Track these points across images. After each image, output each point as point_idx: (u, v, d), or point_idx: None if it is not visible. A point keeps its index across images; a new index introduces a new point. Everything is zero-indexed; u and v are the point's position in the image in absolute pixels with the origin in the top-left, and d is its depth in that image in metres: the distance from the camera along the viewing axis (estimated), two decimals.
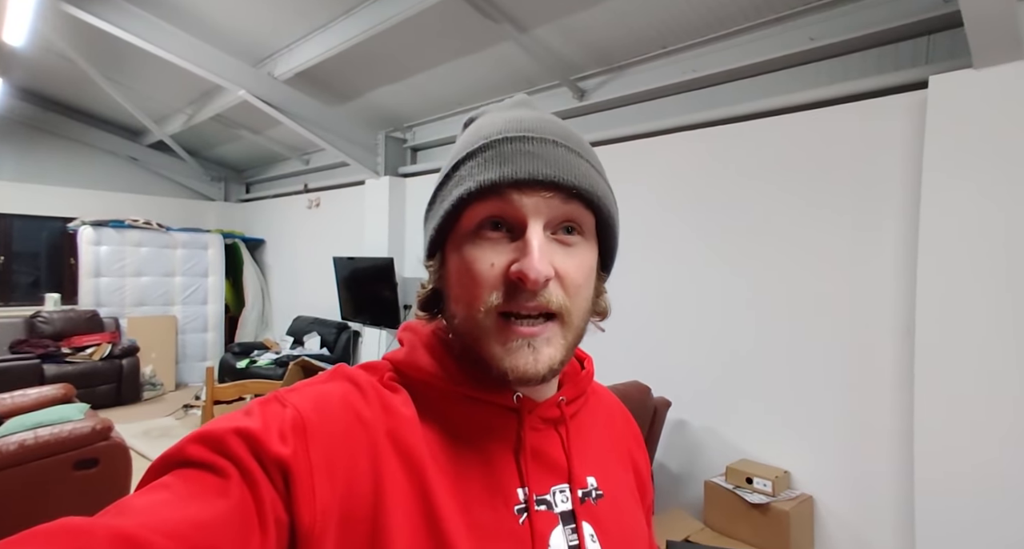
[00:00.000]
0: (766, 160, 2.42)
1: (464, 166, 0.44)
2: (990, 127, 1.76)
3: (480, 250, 0.43)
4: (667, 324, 2.74)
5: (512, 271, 0.41)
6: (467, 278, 0.43)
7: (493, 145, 0.43)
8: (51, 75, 4.57)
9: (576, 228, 0.44)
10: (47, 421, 2.16)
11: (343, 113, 4.19)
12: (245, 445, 0.37)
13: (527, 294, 0.41)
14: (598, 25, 2.63)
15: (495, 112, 0.49)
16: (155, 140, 5.53)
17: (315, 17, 3.12)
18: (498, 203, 0.42)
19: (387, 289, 4.07)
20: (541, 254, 0.40)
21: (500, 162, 0.42)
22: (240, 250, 5.97)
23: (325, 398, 0.42)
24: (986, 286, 1.78)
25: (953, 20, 1.88)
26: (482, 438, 0.45)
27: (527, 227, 0.42)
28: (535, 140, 0.43)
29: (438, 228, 0.46)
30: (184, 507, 0.33)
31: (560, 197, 0.42)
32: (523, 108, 0.48)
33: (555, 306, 0.42)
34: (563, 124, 0.47)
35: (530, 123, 0.44)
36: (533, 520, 0.43)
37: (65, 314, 4.76)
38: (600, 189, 0.45)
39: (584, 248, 0.45)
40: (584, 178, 0.43)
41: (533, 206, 0.42)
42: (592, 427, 0.53)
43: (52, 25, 3.45)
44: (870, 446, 2.13)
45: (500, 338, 0.42)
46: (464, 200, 0.43)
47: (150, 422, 4.23)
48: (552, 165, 0.42)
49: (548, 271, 0.41)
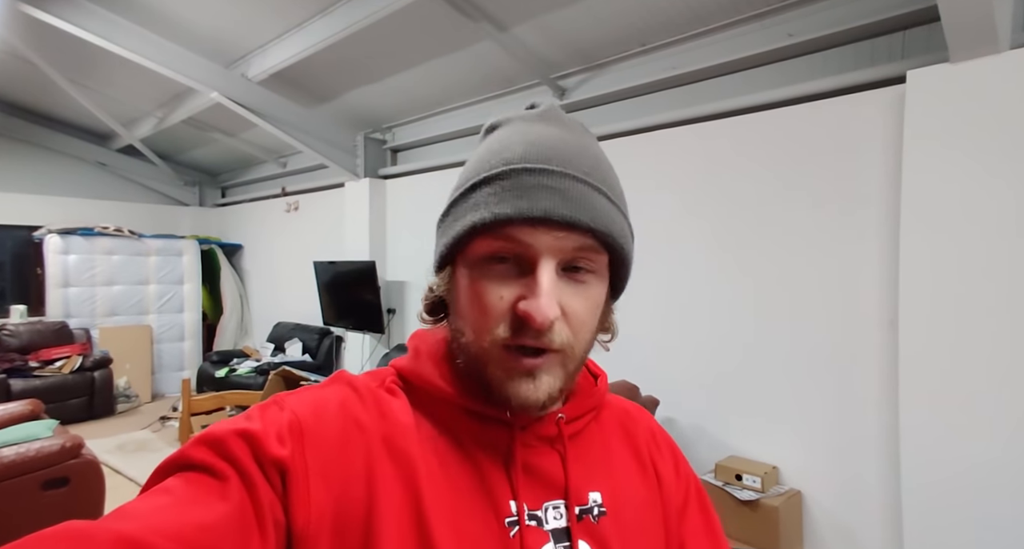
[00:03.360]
0: (748, 156, 2.42)
1: (480, 191, 0.43)
2: (967, 120, 1.78)
3: (489, 281, 0.42)
4: (655, 323, 2.74)
5: (519, 309, 0.41)
6: (475, 306, 0.43)
7: (511, 175, 0.42)
8: (12, 79, 4.41)
9: (587, 267, 0.43)
10: (13, 440, 2.06)
11: (320, 114, 4.11)
12: (246, 446, 0.38)
13: (532, 332, 0.41)
14: (577, 23, 2.61)
15: (519, 124, 0.47)
16: (125, 144, 5.38)
17: (290, 16, 3.05)
18: (510, 238, 0.41)
19: (370, 293, 4.01)
20: (549, 296, 0.40)
21: (516, 195, 0.41)
22: (217, 256, 5.84)
23: (323, 402, 0.43)
24: (967, 277, 1.80)
25: (929, 15, 1.90)
26: (477, 450, 0.45)
27: (538, 265, 0.41)
28: (555, 174, 0.41)
29: (449, 246, 0.45)
30: (186, 510, 0.34)
31: (574, 236, 0.41)
32: (548, 124, 0.46)
33: (558, 345, 0.42)
34: (588, 149, 0.45)
35: (552, 151, 0.43)
36: (523, 534, 0.43)
37: (32, 326, 4.59)
38: (616, 228, 0.43)
39: (594, 285, 0.44)
40: (601, 218, 0.42)
41: (546, 245, 0.41)
42: (603, 441, 0.52)
43: (11, 27, 3.32)
44: (858, 441, 2.15)
45: (503, 366, 0.42)
46: (477, 229, 0.42)
47: (125, 436, 4.09)
48: (570, 204, 0.41)
49: (555, 313, 0.40)
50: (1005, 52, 1.70)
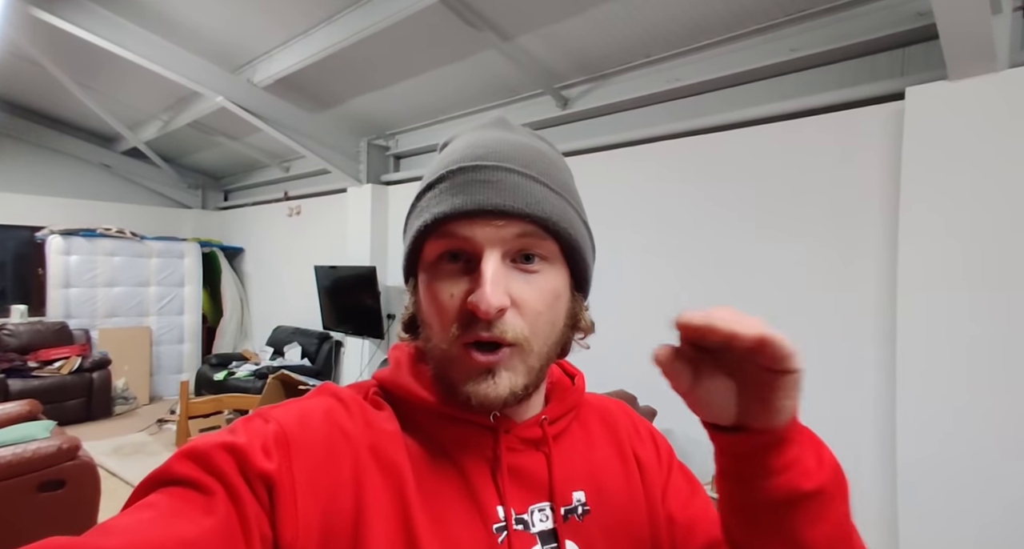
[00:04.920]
0: (748, 169, 2.44)
1: (424, 197, 0.45)
2: (965, 137, 1.80)
3: (440, 282, 0.43)
4: (653, 333, 2.73)
5: (468, 302, 0.41)
6: (432, 308, 0.44)
7: (448, 176, 0.43)
8: (20, 80, 4.44)
9: (537, 255, 0.43)
10: (9, 440, 2.06)
11: (324, 120, 4.14)
12: (231, 459, 0.37)
13: (483, 324, 0.41)
14: (581, 34, 2.63)
15: (465, 134, 0.49)
16: (129, 147, 5.41)
17: (295, 24, 3.08)
18: (452, 235, 0.42)
19: (370, 298, 4.02)
20: (494, 285, 0.40)
21: (452, 193, 0.42)
22: (218, 259, 5.84)
23: (308, 413, 0.43)
24: (964, 291, 1.80)
25: (929, 33, 1.92)
26: (462, 456, 0.45)
27: (482, 257, 0.42)
28: (487, 168, 0.43)
29: (407, 256, 0.47)
30: (169, 525, 0.33)
31: (514, 225, 0.42)
32: (493, 129, 0.48)
33: (511, 337, 0.41)
34: (527, 146, 0.46)
35: (488, 149, 0.44)
36: (511, 539, 0.43)
37: (32, 326, 4.59)
38: (557, 213, 0.43)
39: (548, 274, 0.44)
40: (539, 204, 0.42)
41: (486, 236, 0.42)
42: (585, 439, 0.52)
43: (20, 29, 3.35)
44: (853, 451, 2.14)
45: (462, 366, 0.43)
46: (422, 232, 0.44)
47: (122, 438, 4.08)
48: (503, 193, 0.42)
49: (502, 301, 0.40)
50: (1003, 71, 1.71)
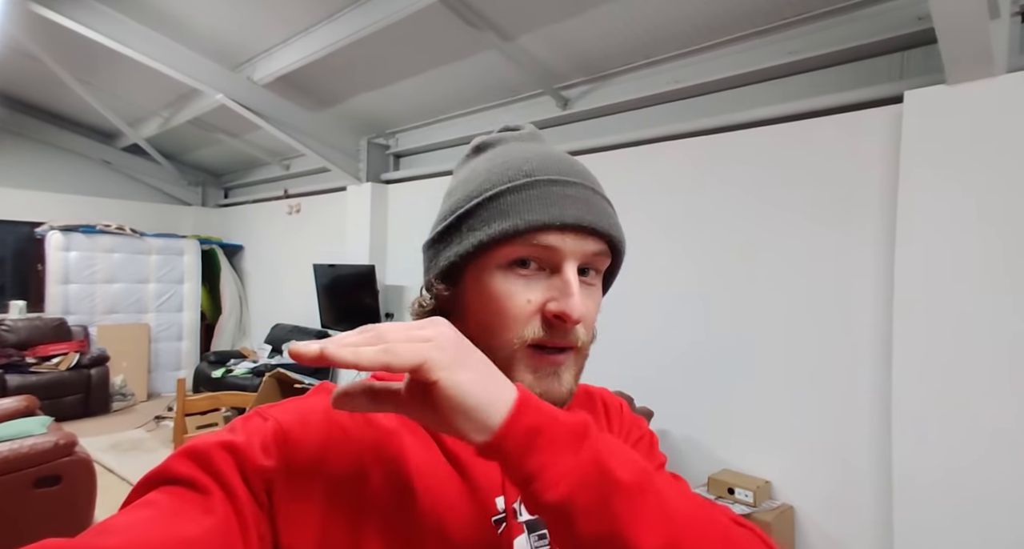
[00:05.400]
0: (747, 171, 2.44)
1: (503, 200, 0.45)
2: (963, 141, 1.80)
3: (515, 285, 0.45)
4: (650, 335, 2.74)
5: (551, 309, 0.44)
6: (499, 310, 0.45)
7: (537, 185, 0.45)
8: (20, 76, 4.44)
9: (595, 270, 0.48)
10: (6, 436, 2.06)
11: (324, 118, 4.14)
12: (230, 459, 0.37)
13: (561, 331, 0.44)
14: (582, 34, 2.64)
15: (514, 143, 0.51)
16: (130, 143, 5.41)
17: (296, 22, 3.08)
18: (539, 243, 0.44)
19: (368, 297, 4.02)
20: (579, 297, 0.44)
21: (547, 204, 0.44)
22: (217, 256, 5.84)
23: (307, 411, 0.43)
24: (961, 295, 1.81)
25: (927, 37, 1.92)
26: (463, 450, 0.46)
27: (563, 268, 0.44)
28: (576, 185, 0.46)
29: (463, 255, 0.46)
30: (168, 525, 0.33)
31: (595, 242, 0.46)
32: (542, 143, 0.52)
33: (580, 343, 0.46)
34: (583, 165, 0.50)
35: (566, 166, 0.48)
36: (511, 530, 0.45)
37: (31, 322, 4.59)
38: (622, 235, 0.48)
39: (598, 287, 0.49)
40: (615, 226, 0.47)
41: (571, 249, 0.44)
42: None
43: (20, 25, 3.35)
44: (850, 456, 2.15)
45: (531, 366, 0.45)
46: (508, 235, 0.44)
47: (119, 434, 4.08)
48: (593, 212, 0.46)
49: (583, 312, 0.44)
50: (1001, 75, 1.72)
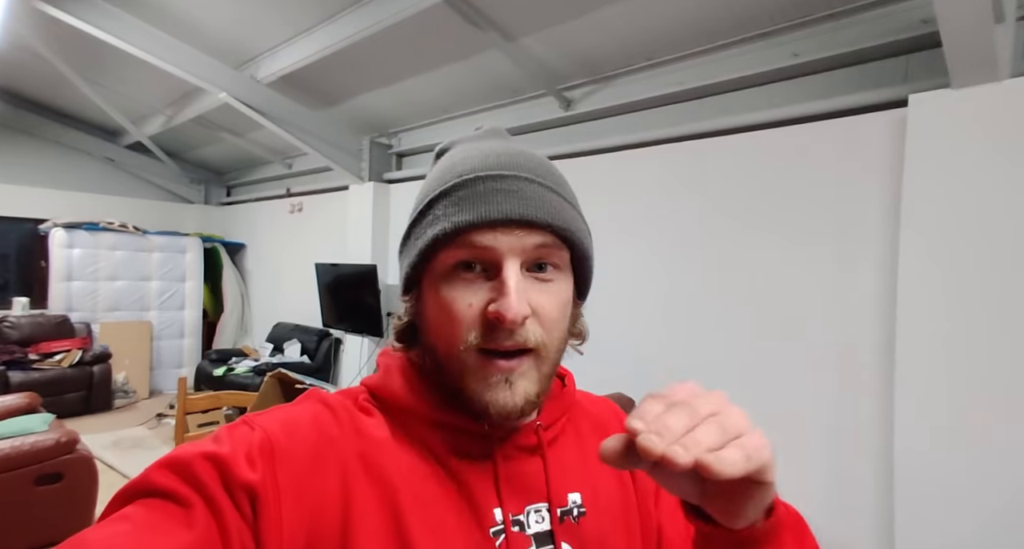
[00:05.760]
0: (750, 173, 2.43)
1: (438, 205, 0.44)
2: (968, 145, 1.79)
3: (457, 290, 0.43)
4: (651, 338, 2.74)
5: (490, 311, 0.41)
6: (445, 317, 0.43)
7: (467, 184, 0.43)
8: (24, 73, 4.44)
9: (551, 264, 0.44)
10: (7, 433, 2.07)
11: (327, 117, 4.14)
12: (214, 470, 0.36)
13: (505, 332, 0.41)
14: (585, 35, 2.63)
15: (466, 143, 0.49)
16: (133, 141, 5.41)
17: (299, 21, 3.08)
18: (473, 245, 0.42)
19: (370, 296, 4.02)
20: (518, 294, 0.41)
21: (474, 202, 0.42)
22: (220, 254, 5.86)
23: (295, 420, 0.42)
24: (965, 302, 1.80)
25: (932, 41, 1.91)
26: (456, 462, 0.45)
27: (503, 267, 0.42)
28: (509, 178, 0.43)
29: (413, 266, 0.46)
30: (145, 539, 0.32)
31: (536, 235, 0.43)
32: (495, 139, 0.49)
33: (532, 343, 0.42)
34: (536, 157, 0.47)
35: (503, 159, 0.45)
36: (510, 542, 0.43)
37: (34, 319, 4.61)
38: (574, 224, 0.45)
39: (560, 283, 0.45)
40: (558, 215, 0.44)
41: (508, 246, 0.42)
42: (578, 441, 0.52)
43: (25, 22, 3.36)
44: (851, 464, 2.14)
45: (479, 374, 0.42)
46: (440, 240, 0.43)
47: (121, 432, 4.09)
48: (526, 204, 0.42)
49: (525, 310, 0.41)
50: (1006, 80, 1.71)
